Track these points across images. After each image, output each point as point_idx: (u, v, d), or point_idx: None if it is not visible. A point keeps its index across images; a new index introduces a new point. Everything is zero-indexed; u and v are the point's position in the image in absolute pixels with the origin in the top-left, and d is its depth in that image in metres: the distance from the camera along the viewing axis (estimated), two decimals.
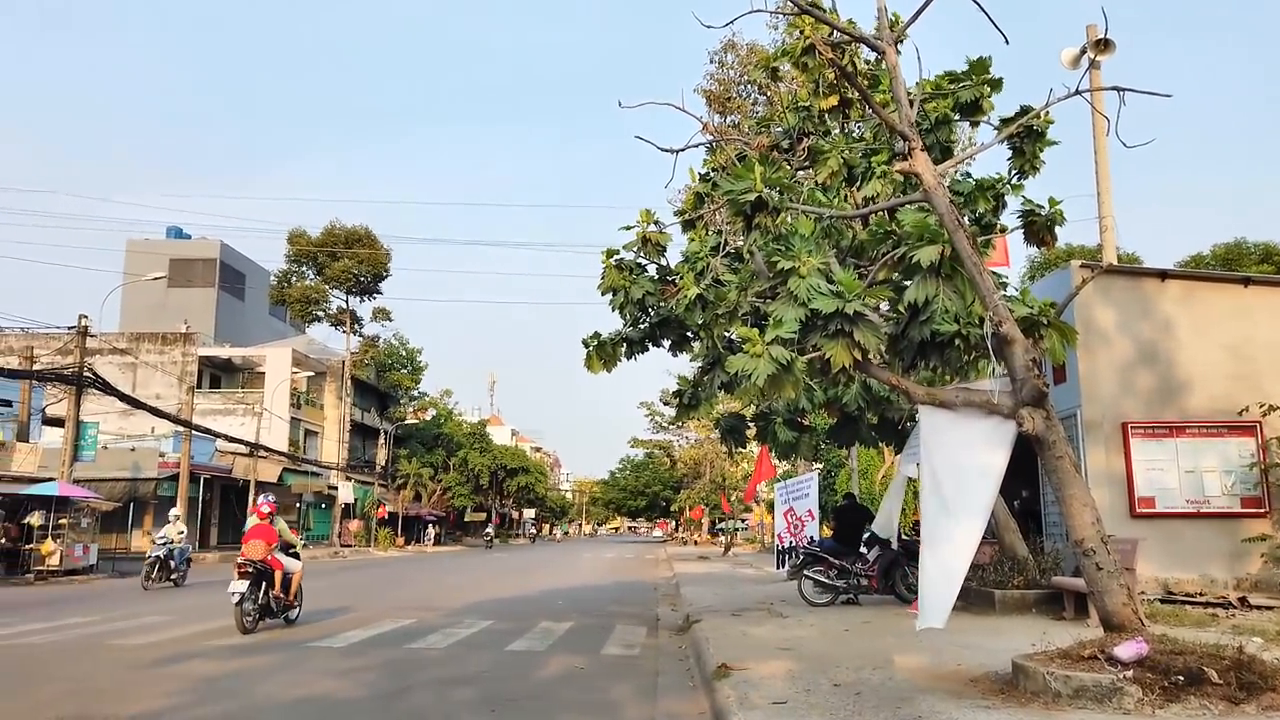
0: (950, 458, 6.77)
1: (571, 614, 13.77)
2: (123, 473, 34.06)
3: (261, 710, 6.64)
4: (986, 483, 6.67)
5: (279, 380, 48.67)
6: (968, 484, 6.68)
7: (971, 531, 6.58)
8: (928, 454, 6.89)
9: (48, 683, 7.72)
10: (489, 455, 65.88)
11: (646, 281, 9.66)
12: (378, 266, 53.19)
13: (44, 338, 37.30)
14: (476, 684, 7.79)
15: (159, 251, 56.92)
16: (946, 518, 6.63)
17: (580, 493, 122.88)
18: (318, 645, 9.99)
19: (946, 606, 6.56)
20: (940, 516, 6.68)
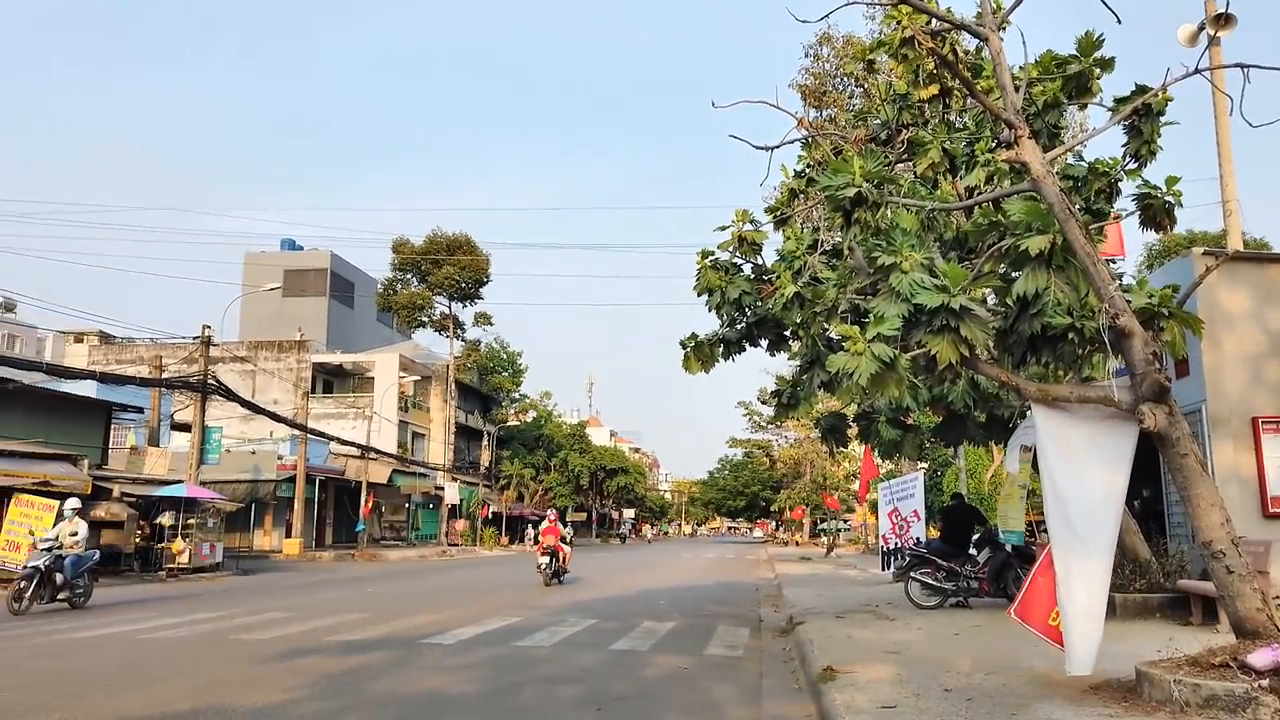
0: (1069, 460, 6.48)
1: (673, 614, 13.80)
2: (244, 475, 35.81)
3: (376, 705, 6.87)
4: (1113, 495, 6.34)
5: (387, 385, 50.32)
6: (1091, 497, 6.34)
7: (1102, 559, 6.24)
8: (1044, 457, 6.62)
9: (181, 674, 8.18)
10: (588, 456, 66.60)
11: (743, 281, 9.61)
12: (478, 272, 54.48)
13: (171, 347, 39.55)
14: (582, 682, 7.89)
15: (274, 263, 59.64)
16: (1076, 543, 6.29)
17: (679, 493, 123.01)
18: (428, 642, 10.28)
19: (1092, 649, 6.14)
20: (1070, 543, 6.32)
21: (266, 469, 37.02)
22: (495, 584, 21.57)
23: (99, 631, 11.49)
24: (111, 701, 6.86)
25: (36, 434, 24.71)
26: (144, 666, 8.65)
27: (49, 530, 15.44)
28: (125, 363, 45.10)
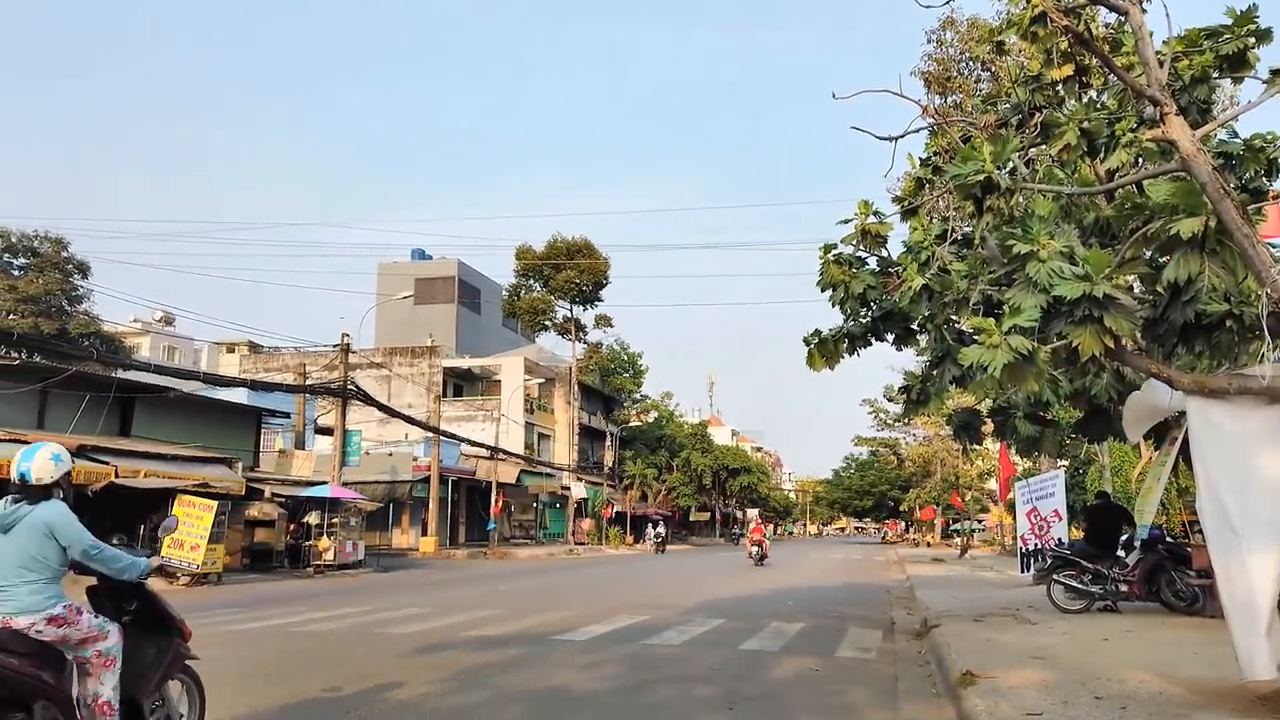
0: (1226, 454, 6.06)
1: (802, 615, 13.64)
2: (382, 475, 37.40)
3: (513, 699, 7.06)
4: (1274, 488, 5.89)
5: (514, 387, 51.62)
6: (1251, 492, 5.91)
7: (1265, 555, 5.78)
8: (1199, 451, 6.21)
9: (332, 665, 8.62)
10: (710, 455, 66.48)
11: (867, 275, 9.39)
12: (597, 275, 55.25)
13: (314, 355, 41.70)
14: (713, 682, 7.89)
15: (405, 272, 62.06)
16: (1235, 540, 5.87)
17: (803, 492, 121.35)
18: (561, 639, 10.49)
19: (1262, 651, 5.67)
20: (1228, 541, 5.91)
21: (403, 470, 38.57)
22: (621, 582, 21.82)
23: (257, 624, 12.23)
24: (271, 690, 7.29)
25: (195, 439, 26.51)
26: (298, 658, 9.16)
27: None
28: (272, 371, 47.84)
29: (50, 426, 22.59)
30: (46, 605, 4.25)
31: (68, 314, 39.43)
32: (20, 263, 39.07)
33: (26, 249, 39.49)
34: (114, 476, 20.29)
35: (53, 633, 4.24)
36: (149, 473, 21.36)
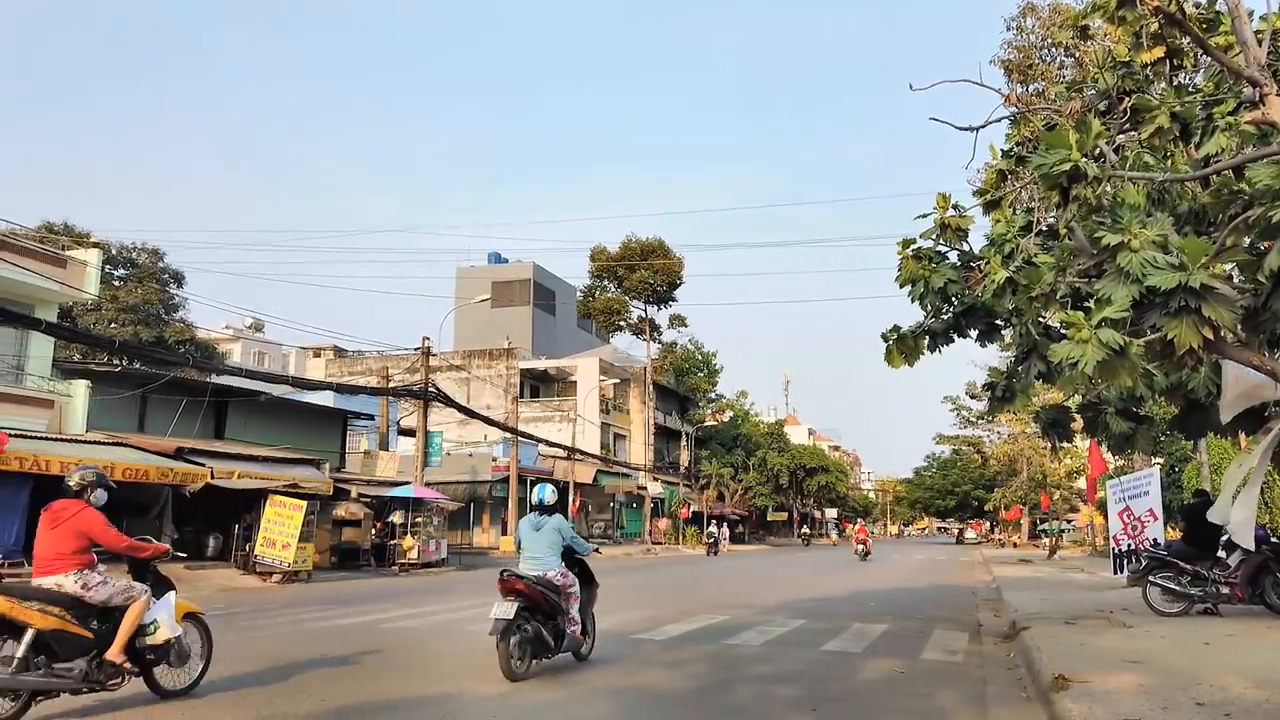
0: None
1: (885, 616, 13.43)
2: (463, 476, 38.11)
3: (598, 696, 7.14)
4: None
5: (589, 388, 52.01)
6: None
7: None
8: None
9: (420, 662, 8.84)
10: (787, 455, 65.90)
11: (948, 269, 9.20)
12: (671, 275, 55.33)
13: (396, 359, 42.73)
14: (796, 682, 7.84)
15: (482, 276, 63.14)
16: None
17: (883, 492, 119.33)
18: (641, 638, 10.55)
19: None
20: None
21: (483, 470, 39.25)
22: (698, 582, 21.80)
23: (347, 621, 12.60)
24: (362, 686, 7.51)
25: (285, 440, 27.42)
26: (387, 654, 9.40)
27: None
28: (356, 374, 49.16)
29: (150, 429, 23.65)
30: (556, 567, 8.34)
31: (164, 322, 41.20)
32: (120, 273, 41.00)
33: (126, 260, 41.44)
34: (210, 477, 21.12)
35: (560, 580, 8.29)
36: (242, 474, 22.17)
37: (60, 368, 23.45)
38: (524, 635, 7.69)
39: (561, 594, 8.22)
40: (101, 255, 25.97)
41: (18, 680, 5.83)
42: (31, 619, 5.90)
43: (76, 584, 6.23)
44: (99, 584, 6.35)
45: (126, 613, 6.39)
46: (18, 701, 5.91)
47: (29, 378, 21.77)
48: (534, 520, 8.45)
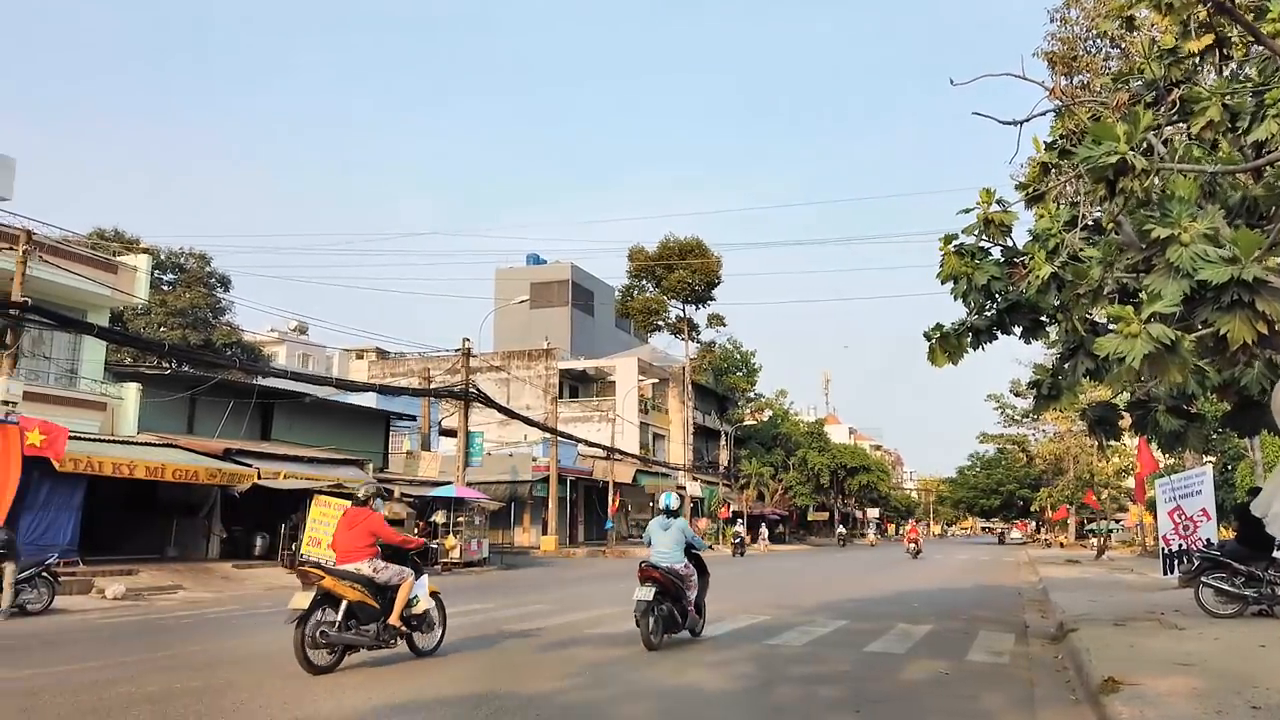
0: None
1: (929, 617, 13.29)
2: (503, 476, 38.34)
3: (640, 695, 7.15)
4: None
5: (628, 388, 52.09)
6: None
7: None
8: None
9: (464, 660, 8.91)
10: (828, 454, 65.45)
11: (991, 265, 9.07)
12: (709, 275, 55.23)
13: (437, 360, 43.15)
14: (839, 683, 7.79)
15: (521, 277, 63.48)
16: None
17: (926, 491, 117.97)
18: (683, 637, 10.53)
19: None
20: None
21: (523, 470, 39.45)
22: (738, 582, 21.72)
23: None
24: (409, 682, 7.60)
25: (329, 441, 27.82)
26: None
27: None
28: (398, 375, 49.71)
29: (198, 431, 24.13)
30: (680, 560, 9.95)
31: (212, 325, 42.00)
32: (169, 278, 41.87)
33: (174, 265, 42.32)
34: (257, 478, 21.49)
35: (684, 571, 9.93)
36: (288, 474, 22.52)
37: (112, 371, 24.01)
38: (659, 614, 9.52)
39: (685, 582, 9.97)
40: (151, 260, 26.55)
41: (340, 637, 7.98)
42: (346, 593, 8.03)
43: (369, 569, 8.35)
44: (383, 569, 8.43)
45: (399, 590, 8.44)
46: (335, 654, 8.06)
47: (82, 381, 22.33)
48: (663, 522, 10.25)
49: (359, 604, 8.11)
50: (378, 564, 8.41)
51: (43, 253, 19.53)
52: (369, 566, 8.33)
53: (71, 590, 15.39)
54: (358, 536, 8.43)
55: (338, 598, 8.00)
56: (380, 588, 8.37)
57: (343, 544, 8.48)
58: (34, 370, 20.93)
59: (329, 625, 7.92)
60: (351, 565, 8.30)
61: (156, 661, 8.70)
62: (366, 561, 8.34)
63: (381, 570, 8.41)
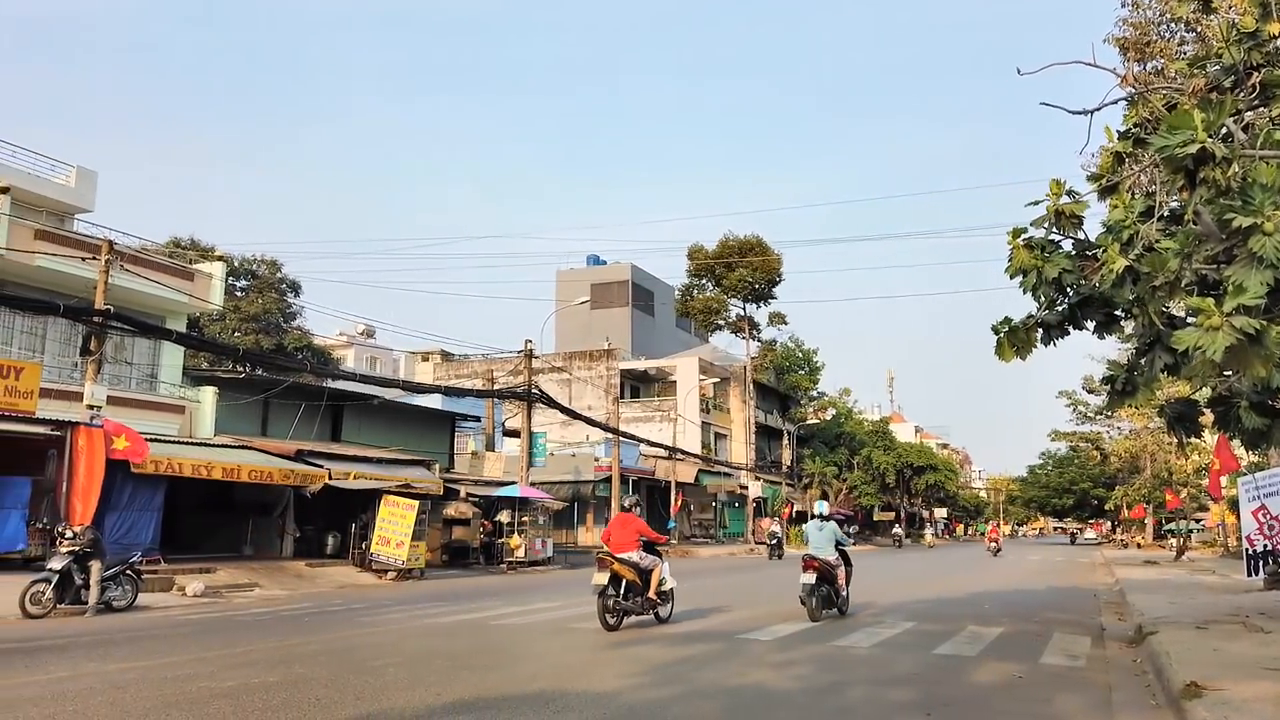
0: None
1: (1000, 619, 13.01)
2: (566, 476, 38.64)
3: (705, 695, 7.14)
4: None
5: (689, 388, 52.02)
6: None
7: None
8: None
9: (530, 658, 9.02)
10: (893, 453, 64.49)
11: (1062, 258, 8.84)
12: (770, 273, 54.86)
13: (499, 361, 43.67)
14: (907, 685, 7.67)
15: (581, 279, 63.91)
16: None
17: (995, 491, 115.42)
18: (748, 637, 10.50)
19: None
20: None
21: (585, 470, 39.70)
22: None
23: (459, 617, 12.96)
24: (478, 680, 7.72)
25: (396, 442, 28.35)
26: (499, 650, 9.63)
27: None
28: (462, 377, 50.42)
29: (272, 433, 24.79)
30: (833, 554, 12.59)
31: (283, 330, 43.14)
32: (242, 284, 43.12)
33: (247, 272, 43.56)
34: (328, 478, 22.01)
35: (834, 562, 12.52)
36: (357, 474, 23.02)
37: (190, 375, 24.82)
38: (820, 594, 12.31)
39: (835, 571, 12.58)
40: (225, 267, 27.39)
41: (623, 605, 11.06)
42: (626, 574, 11.14)
43: (637, 557, 11.35)
44: (643, 557, 11.45)
45: (653, 573, 11.46)
46: (616, 619, 10.96)
47: (162, 385, 23.14)
48: (817, 524, 13.07)
49: (632, 582, 11.19)
50: (641, 554, 11.38)
51: (124, 262, 20.28)
52: (636, 555, 11.31)
53: (153, 588, 15.97)
54: (628, 534, 11.43)
55: (620, 578, 11.06)
56: (642, 571, 11.35)
57: (617, 538, 11.42)
58: (116, 375, 21.75)
59: (619, 598, 11.03)
60: (625, 554, 11.22)
61: (234, 657, 8.97)
62: (635, 551, 11.31)
63: (643, 558, 11.40)
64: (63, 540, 13.35)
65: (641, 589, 11.29)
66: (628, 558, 11.20)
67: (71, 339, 20.88)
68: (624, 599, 11.04)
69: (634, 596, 11.21)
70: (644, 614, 11.40)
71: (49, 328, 21.15)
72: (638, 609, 11.27)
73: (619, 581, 11.02)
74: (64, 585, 13.02)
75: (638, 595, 11.26)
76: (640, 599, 11.27)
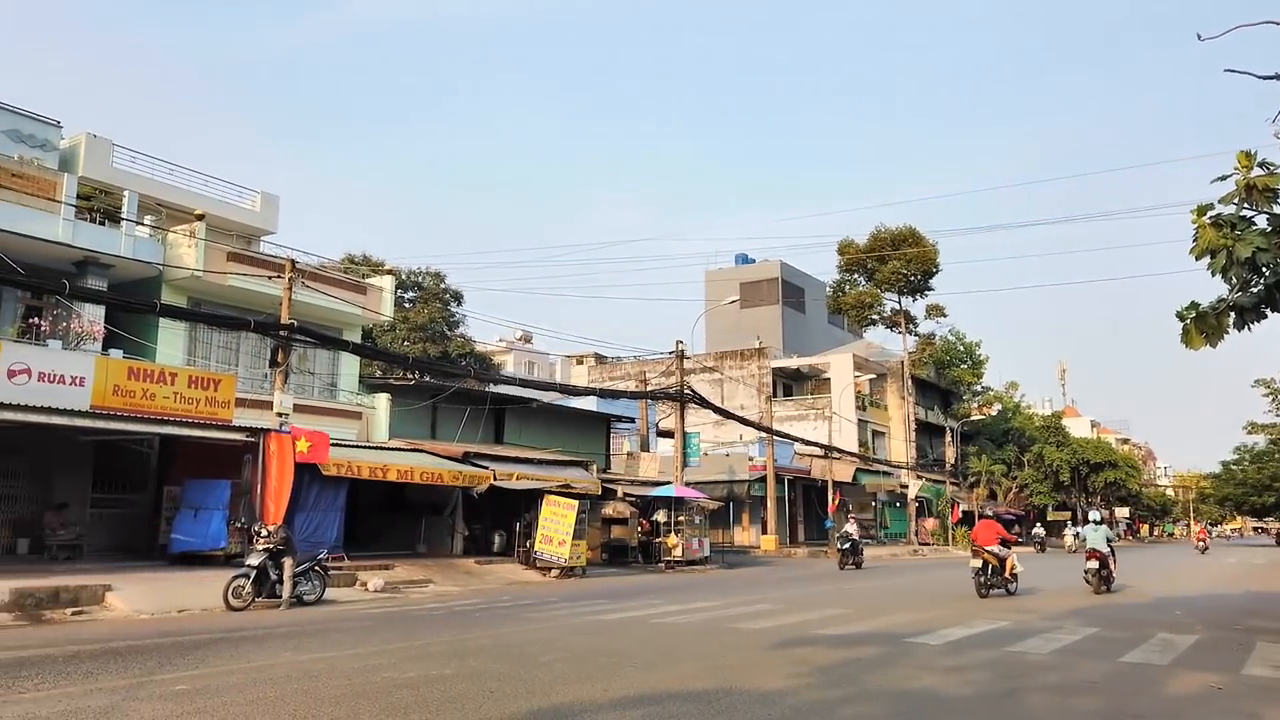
0: None
1: (1194, 625, 12.09)
2: (721, 475, 38.63)
3: (873, 699, 6.98)
4: None
5: (843, 385, 50.97)
6: None
7: None
8: None
9: (692, 656, 9.08)
10: (1067, 449, 60.94)
11: (1256, 236, 8.16)
12: (926, 264, 53.03)
13: (651, 363, 44.18)
14: (1093, 694, 7.25)
15: (730, 278, 63.73)
16: None
17: (1184, 488, 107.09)
18: (915, 641, 10.19)
19: None
20: None
21: (739, 470, 39.57)
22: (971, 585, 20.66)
23: (619, 615, 13.19)
24: (641, 677, 7.84)
25: (555, 444, 29.16)
26: (660, 647, 9.75)
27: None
28: (616, 379, 51.31)
29: (440, 436, 26.01)
30: (1107, 549, 18.17)
31: (447, 338, 45.15)
32: (409, 296, 45.45)
33: (414, 284, 45.87)
34: (493, 479, 22.87)
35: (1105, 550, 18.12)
36: (520, 475, 23.81)
37: (365, 383, 26.39)
38: (1100, 575, 17.67)
39: (1110, 558, 17.90)
40: (394, 281, 28.99)
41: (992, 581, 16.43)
42: (991, 560, 16.37)
43: (997, 549, 16.50)
44: (1001, 549, 16.54)
45: (1007, 560, 16.58)
46: (985, 591, 16.24)
47: (341, 393, 24.71)
48: (1093, 527, 18.61)
49: (994, 566, 16.37)
50: (1000, 547, 16.56)
51: (304, 279, 21.77)
52: (997, 548, 16.50)
53: (338, 583, 17.05)
54: (991, 533, 16.86)
55: (987, 563, 16.28)
56: (1000, 558, 16.37)
57: (983, 536, 16.81)
58: (301, 384, 23.39)
59: (987, 576, 16.29)
60: (990, 547, 16.48)
61: (414, 650, 9.47)
62: (996, 545, 16.51)
63: (1001, 550, 16.53)
64: (259, 538, 14.45)
65: (999, 570, 16.41)
66: (992, 549, 16.43)
67: (261, 352, 22.60)
68: (990, 577, 16.28)
69: (995, 576, 16.37)
70: (1003, 589, 16.50)
71: (241, 342, 22.98)
72: (1000, 583, 16.46)
73: (986, 566, 16.27)
74: (261, 580, 14.09)
75: (997, 575, 16.39)
76: (999, 578, 16.44)
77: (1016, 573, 16.75)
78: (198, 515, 18.12)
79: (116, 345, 19.51)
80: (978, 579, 16.19)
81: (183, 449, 19.55)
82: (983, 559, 16.33)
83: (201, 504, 18.16)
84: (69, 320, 19.11)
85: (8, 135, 21.12)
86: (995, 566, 16.37)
